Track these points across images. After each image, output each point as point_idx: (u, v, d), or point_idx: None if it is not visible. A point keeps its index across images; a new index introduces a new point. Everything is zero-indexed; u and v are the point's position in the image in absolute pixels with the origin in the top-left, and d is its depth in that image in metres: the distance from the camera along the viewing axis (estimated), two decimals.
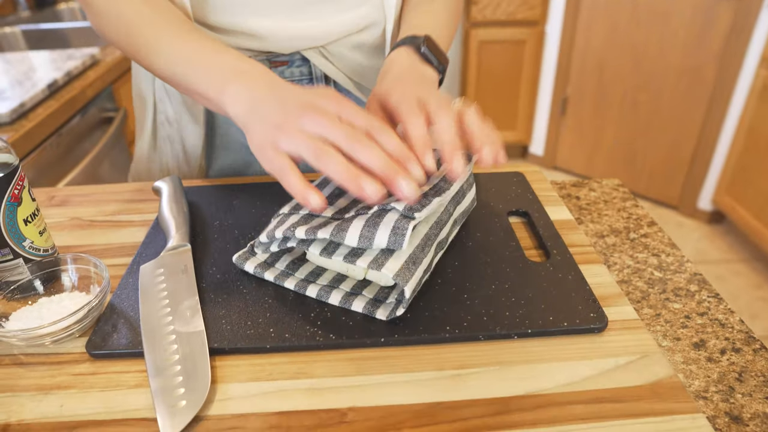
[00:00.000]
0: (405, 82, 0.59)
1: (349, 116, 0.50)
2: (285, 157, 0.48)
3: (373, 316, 0.50)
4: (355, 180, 0.45)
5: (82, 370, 0.48)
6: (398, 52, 0.66)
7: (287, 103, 0.51)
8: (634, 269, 0.63)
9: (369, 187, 0.45)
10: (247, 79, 0.55)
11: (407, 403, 0.44)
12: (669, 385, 0.45)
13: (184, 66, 0.60)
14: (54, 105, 1.29)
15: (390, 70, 0.63)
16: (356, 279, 0.54)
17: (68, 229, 0.68)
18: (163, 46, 0.62)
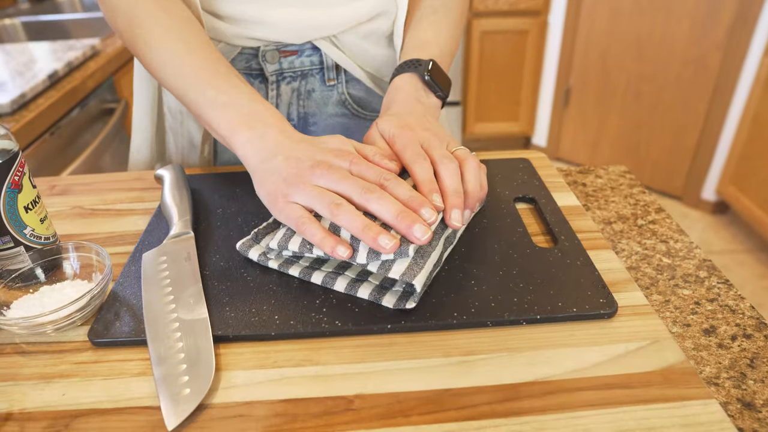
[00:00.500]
0: (408, 120, 0.60)
1: (360, 170, 0.53)
2: (300, 208, 0.52)
3: (380, 303, 0.50)
4: (369, 232, 0.48)
5: (85, 358, 0.47)
6: (402, 79, 0.68)
7: (300, 158, 0.53)
8: (642, 255, 0.62)
9: (383, 241, 0.47)
10: (259, 125, 0.57)
11: (414, 390, 0.43)
12: (680, 371, 0.44)
13: (197, 93, 0.61)
14: (55, 95, 1.28)
15: (394, 100, 0.66)
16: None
17: (70, 217, 0.68)
18: (176, 65, 0.62)
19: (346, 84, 0.83)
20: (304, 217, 0.51)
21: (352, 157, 0.53)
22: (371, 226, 0.48)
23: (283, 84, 0.79)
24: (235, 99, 0.59)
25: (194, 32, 0.65)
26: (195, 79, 0.61)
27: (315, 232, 0.50)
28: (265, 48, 0.76)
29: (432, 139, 0.58)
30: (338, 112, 0.84)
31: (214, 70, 0.61)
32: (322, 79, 0.81)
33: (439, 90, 0.68)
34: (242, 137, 0.57)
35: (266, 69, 0.77)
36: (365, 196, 0.50)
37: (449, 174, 0.54)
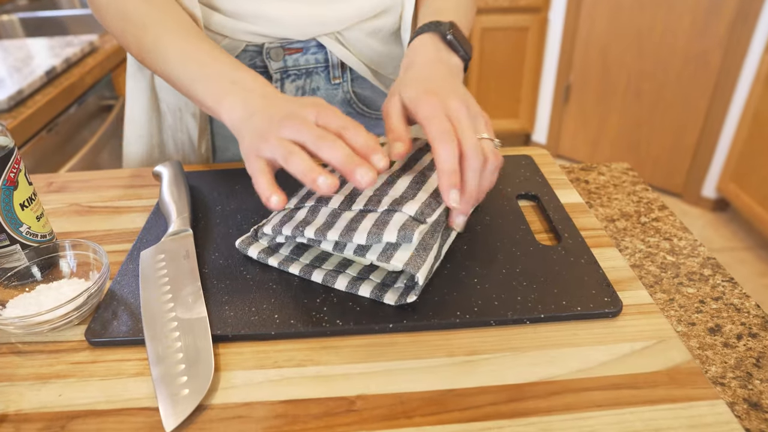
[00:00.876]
0: (432, 83, 0.56)
1: (325, 120, 0.51)
2: (261, 161, 0.50)
3: (381, 300, 0.49)
4: (311, 174, 0.47)
5: (82, 358, 0.46)
6: (422, 39, 0.64)
7: (274, 114, 0.52)
8: (646, 253, 0.61)
9: (321, 180, 0.46)
10: (242, 89, 0.56)
11: (417, 391, 0.42)
12: (687, 371, 0.43)
13: (183, 71, 0.61)
14: (52, 92, 1.27)
15: (414, 61, 0.62)
16: (363, 264, 0.53)
17: (67, 215, 0.67)
18: (162, 48, 0.62)
19: (351, 82, 0.82)
20: (257, 170, 0.50)
21: (319, 108, 0.52)
22: (314, 169, 0.47)
23: (288, 82, 0.78)
24: (217, 70, 0.59)
25: (178, 16, 0.65)
26: (179, 58, 0.61)
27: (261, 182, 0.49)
28: (269, 45, 0.75)
29: (461, 111, 0.53)
30: (344, 111, 0.83)
31: (196, 46, 0.61)
32: (327, 78, 0.80)
33: (461, 50, 0.63)
34: (226, 104, 0.56)
35: (270, 66, 0.76)
36: (317, 144, 0.48)
37: (472, 174, 0.51)
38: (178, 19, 0.65)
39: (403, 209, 0.50)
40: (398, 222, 0.49)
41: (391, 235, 0.48)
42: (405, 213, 0.50)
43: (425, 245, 0.49)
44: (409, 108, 0.55)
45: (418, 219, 0.49)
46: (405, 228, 0.48)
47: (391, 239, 0.48)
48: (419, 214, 0.50)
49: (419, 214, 0.50)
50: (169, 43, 0.62)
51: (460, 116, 0.52)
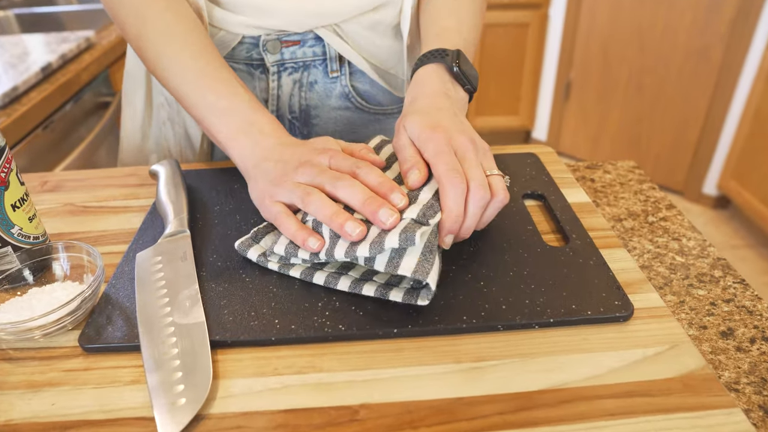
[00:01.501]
0: (437, 118, 0.55)
1: (337, 162, 0.53)
2: (280, 204, 0.53)
3: (387, 298, 0.47)
4: (336, 219, 0.48)
5: (75, 365, 0.45)
6: (427, 71, 0.63)
7: (288, 161, 0.54)
8: (654, 254, 0.60)
9: (349, 226, 0.48)
10: (258, 132, 0.58)
11: (423, 399, 0.41)
12: (701, 378, 0.42)
13: (199, 98, 0.62)
14: (48, 89, 1.25)
15: (419, 95, 0.61)
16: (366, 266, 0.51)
17: (61, 215, 0.65)
18: (180, 67, 0.63)
19: (349, 76, 0.80)
20: (281, 212, 0.52)
21: (332, 152, 0.54)
22: (339, 212, 0.49)
23: (285, 75, 0.77)
24: (234, 105, 0.60)
25: (199, 35, 0.65)
26: (197, 83, 0.62)
27: (289, 225, 0.51)
28: (266, 37, 0.73)
29: (467, 147, 0.52)
30: (341, 106, 0.81)
31: (216, 75, 0.62)
32: (324, 71, 0.78)
33: (467, 83, 0.63)
34: (238, 145, 0.58)
35: (267, 59, 0.75)
36: (334, 184, 0.50)
37: (476, 209, 0.50)
38: (199, 37, 0.64)
39: (404, 215, 0.49)
40: (399, 226, 0.47)
41: (392, 240, 0.46)
42: (406, 218, 0.48)
43: (431, 247, 0.48)
44: (416, 144, 0.54)
45: (420, 221, 0.48)
46: (406, 231, 0.46)
47: (394, 245, 0.46)
48: (421, 216, 0.48)
49: (421, 216, 0.48)
50: (188, 64, 0.63)
51: (467, 153, 0.52)
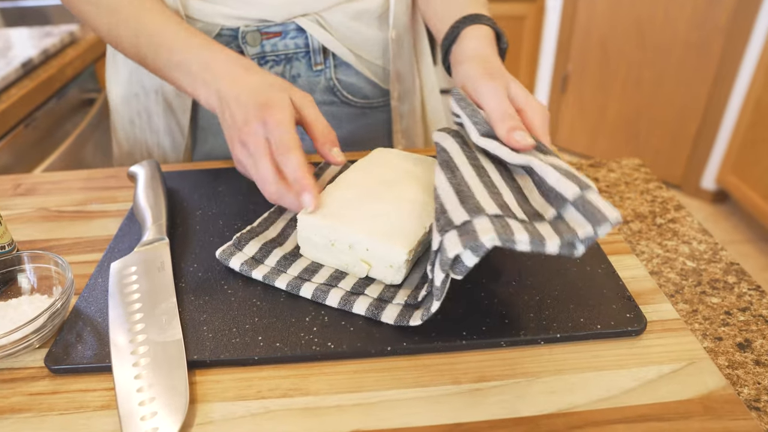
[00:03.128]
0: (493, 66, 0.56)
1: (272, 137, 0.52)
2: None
3: (378, 319, 0.44)
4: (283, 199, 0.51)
5: (40, 388, 0.41)
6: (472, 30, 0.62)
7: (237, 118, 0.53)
8: (664, 259, 0.56)
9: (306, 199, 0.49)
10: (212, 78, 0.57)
11: (420, 426, 0.37)
12: (722, 399, 0.39)
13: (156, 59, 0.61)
14: (29, 85, 1.20)
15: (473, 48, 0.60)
16: (357, 276, 0.48)
17: (33, 221, 0.61)
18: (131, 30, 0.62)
19: (334, 69, 0.76)
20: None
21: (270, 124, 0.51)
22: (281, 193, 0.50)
23: (266, 69, 0.73)
24: (186, 57, 0.58)
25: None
26: (148, 41, 0.61)
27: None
28: (245, 29, 0.69)
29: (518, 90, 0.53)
30: (326, 100, 0.78)
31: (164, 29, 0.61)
32: (308, 64, 0.74)
33: (504, 42, 0.64)
34: (201, 97, 0.58)
35: (247, 52, 0.71)
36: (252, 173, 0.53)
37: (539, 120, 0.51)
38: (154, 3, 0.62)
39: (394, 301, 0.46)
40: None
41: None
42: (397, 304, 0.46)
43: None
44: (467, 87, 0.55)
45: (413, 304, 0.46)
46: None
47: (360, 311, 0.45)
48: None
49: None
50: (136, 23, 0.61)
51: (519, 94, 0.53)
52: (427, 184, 0.53)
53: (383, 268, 0.46)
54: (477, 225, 0.39)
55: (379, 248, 0.45)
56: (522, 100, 0.52)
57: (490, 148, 0.49)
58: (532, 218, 0.43)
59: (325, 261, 0.49)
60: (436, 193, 0.46)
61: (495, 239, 0.38)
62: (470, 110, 0.52)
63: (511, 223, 0.40)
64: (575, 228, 0.40)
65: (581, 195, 0.41)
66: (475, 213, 0.40)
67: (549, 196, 0.44)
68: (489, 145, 0.49)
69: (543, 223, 0.42)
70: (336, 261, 0.49)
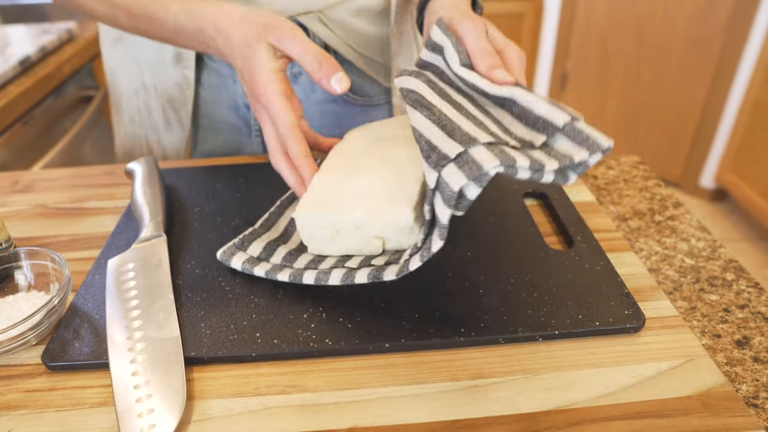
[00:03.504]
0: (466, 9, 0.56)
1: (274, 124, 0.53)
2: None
3: (381, 279, 0.43)
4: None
5: (37, 385, 0.41)
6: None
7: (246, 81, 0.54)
8: (662, 256, 0.56)
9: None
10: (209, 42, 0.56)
11: (417, 422, 0.37)
12: (721, 396, 0.39)
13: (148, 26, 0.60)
14: (27, 82, 1.20)
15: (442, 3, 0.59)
16: (363, 255, 0.48)
17: (31, 218, 0.61)
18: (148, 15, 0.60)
19: None
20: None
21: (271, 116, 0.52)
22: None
23: None
24: (179, 24, 0.58)
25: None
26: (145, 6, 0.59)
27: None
28: None
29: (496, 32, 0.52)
30: (328, 98, 0.77)
31: None
32: None
33: (479, 8, 0.62)
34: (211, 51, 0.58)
35: None
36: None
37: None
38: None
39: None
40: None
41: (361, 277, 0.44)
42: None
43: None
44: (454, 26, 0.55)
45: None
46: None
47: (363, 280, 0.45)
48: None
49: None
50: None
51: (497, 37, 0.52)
52: (405, 139, 0.52)
53: (396, 236, 0.46)
54: (475, 154, 0.38)
55: (384, 218, 0.45)
56: (500, 42, 0.51)
57: (469, 78, 0.48)
58: (523, 145, 0.42)
59: (336, 251, 0.48)
60: (417, 132, 0.44)
61: (498, 166, 0.37)
62: (454, 39, 0.51)
63: (507, 150, 0.39)
64: (570, 154, 0.39)
65: (571, 123, 0.40)
66: (468, 143, 0.39)
67: (536, 126, 0.43)
68: (468, 76, 0.48)
69: (535, 150, 0.41)
70: (347, 248, 0.48)
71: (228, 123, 0.77)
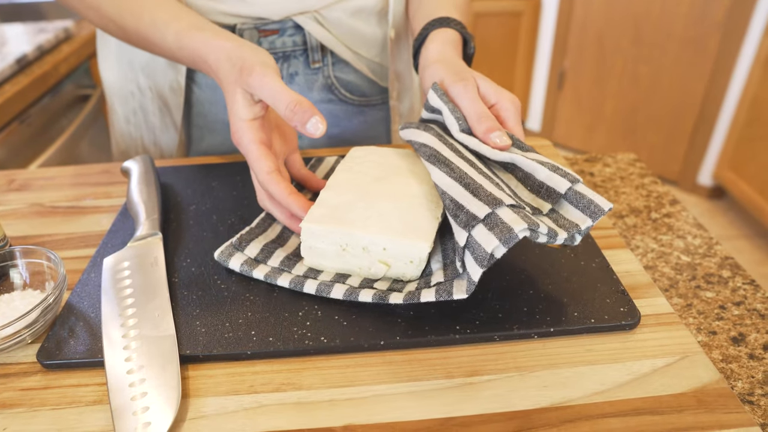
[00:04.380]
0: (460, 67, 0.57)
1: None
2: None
3: (387, 302, 0.44)
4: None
5: (33, 383, 0.41)
6: (438, 34, 0.62)
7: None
8: (659, 253, 0.56)
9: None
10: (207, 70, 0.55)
11: (412, 420, 0.37)
12: (716, 392, 0.39)
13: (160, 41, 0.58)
14: (23, 81, 1.20)
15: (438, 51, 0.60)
16: (363, 277, 0.48)
17: (27, 216, 0.61)
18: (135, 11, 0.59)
19: (332, 67, 0.76)
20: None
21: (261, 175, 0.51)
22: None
23: None
24: (173, 52, 0.58)
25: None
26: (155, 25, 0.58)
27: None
28: (242, 26, 0.69)
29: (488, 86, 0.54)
30: (325, 98, 0.77)
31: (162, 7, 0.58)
32: (306, 62, 0.74)
33: (472, 48, 0.64)
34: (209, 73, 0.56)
35: None
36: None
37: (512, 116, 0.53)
38: None
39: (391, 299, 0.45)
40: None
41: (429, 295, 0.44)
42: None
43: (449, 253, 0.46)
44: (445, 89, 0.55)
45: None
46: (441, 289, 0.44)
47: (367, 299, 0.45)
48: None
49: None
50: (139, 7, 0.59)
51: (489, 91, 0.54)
52: (419, 175, 0.52)
53: (403, 265, 0.46)
54: (503, 216, 0.40)
55: (399, 246, 0.45)
56: (493, 96, 0.53)
57: (471, 145, 0.50)
58: (534, 211, 0.44)
59: (333, 267, 0.48)
60: (440, 189, 0.45)
61: (526, 229, 0.39)
62: (451, 105, 0.52)
63: (528, 213, 0.42)
64: (576, 221, 0.43)
65: (572, 188, 0.43)
66: (494, 204, 0.41)
67: (540, 192, 0.45)
68: (470, 142, 0.50)
69: (544, 217, 0.44)
70: (347, 266, 0.47)
71: (224, 122, 0.77)
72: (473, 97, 0.52)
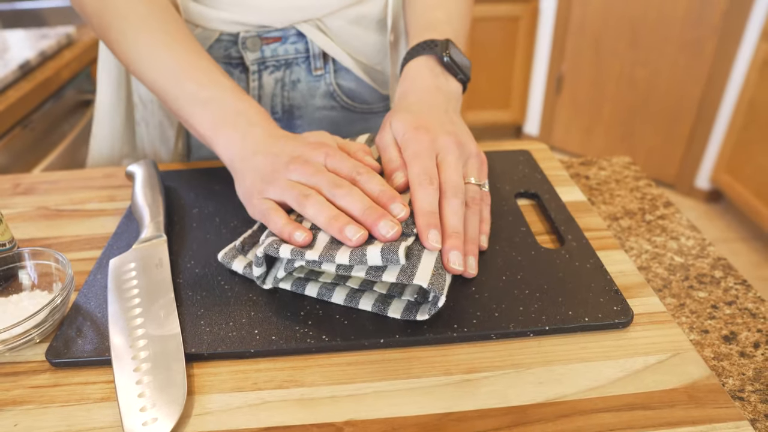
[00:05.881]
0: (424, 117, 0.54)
1: (334, 164, 0.50)
2: (269, 201, 0.49)
3: (385, 314, 0.45)
4: (335, 223, 0.45)
5: (42, 381, 0.42)
6: (417, 64, 0.60)
7: (279, 154, 0.50)
8: (652, 254, 0.58)
9: (349, 231, 0.44)
10: (245, 123, 0.54)
11: (411, 415, 0.38)
12: (706, 388, 0.40)
13: (176, 88, 0.57)
14: (26, 86, 1.21)
15: (409, 90, 0.59)
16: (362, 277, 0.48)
17: (33, 219, 0.62)
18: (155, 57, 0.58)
19: (334, 74, 0.77)
20: (271, 208, 0.49)
21: (328, 149, 0.50)
22: (339, 216, 0.45)
23: (266, 74, 0.73)
24: (217, 94, 0.56)
25: (173, 22, 0.60)
26: (174, 73, 0.57)
27: (277, 220, 0.47)
28: (245, 34, 0.70)
29: (450, 149, 0.51)
30: (326, 105, 0.78)
31: (195, 64, 0.57)
32: (308, 69, 0.75)
33: (460, 72, 0.60)
34: (225, 137, 0.54)
35: (247, 57, 0.72)
36: (333, 191, 0.47)
37: (451, 215, 0.48)
38: (175, 25, 0.60)
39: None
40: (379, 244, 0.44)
41: (374, 255, 0.43)
42: None
43: (439, 265, 0.45)
44: (399, 144, 0.53)
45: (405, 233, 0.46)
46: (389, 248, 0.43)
47: (376, 261, 0.43)
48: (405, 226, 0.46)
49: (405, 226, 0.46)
50: (164, 54, 0.58)
51: (448, 155, 0.51)
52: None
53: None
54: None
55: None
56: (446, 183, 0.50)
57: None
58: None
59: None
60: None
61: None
62: None
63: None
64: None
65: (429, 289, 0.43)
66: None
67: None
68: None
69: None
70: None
71: None
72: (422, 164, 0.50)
